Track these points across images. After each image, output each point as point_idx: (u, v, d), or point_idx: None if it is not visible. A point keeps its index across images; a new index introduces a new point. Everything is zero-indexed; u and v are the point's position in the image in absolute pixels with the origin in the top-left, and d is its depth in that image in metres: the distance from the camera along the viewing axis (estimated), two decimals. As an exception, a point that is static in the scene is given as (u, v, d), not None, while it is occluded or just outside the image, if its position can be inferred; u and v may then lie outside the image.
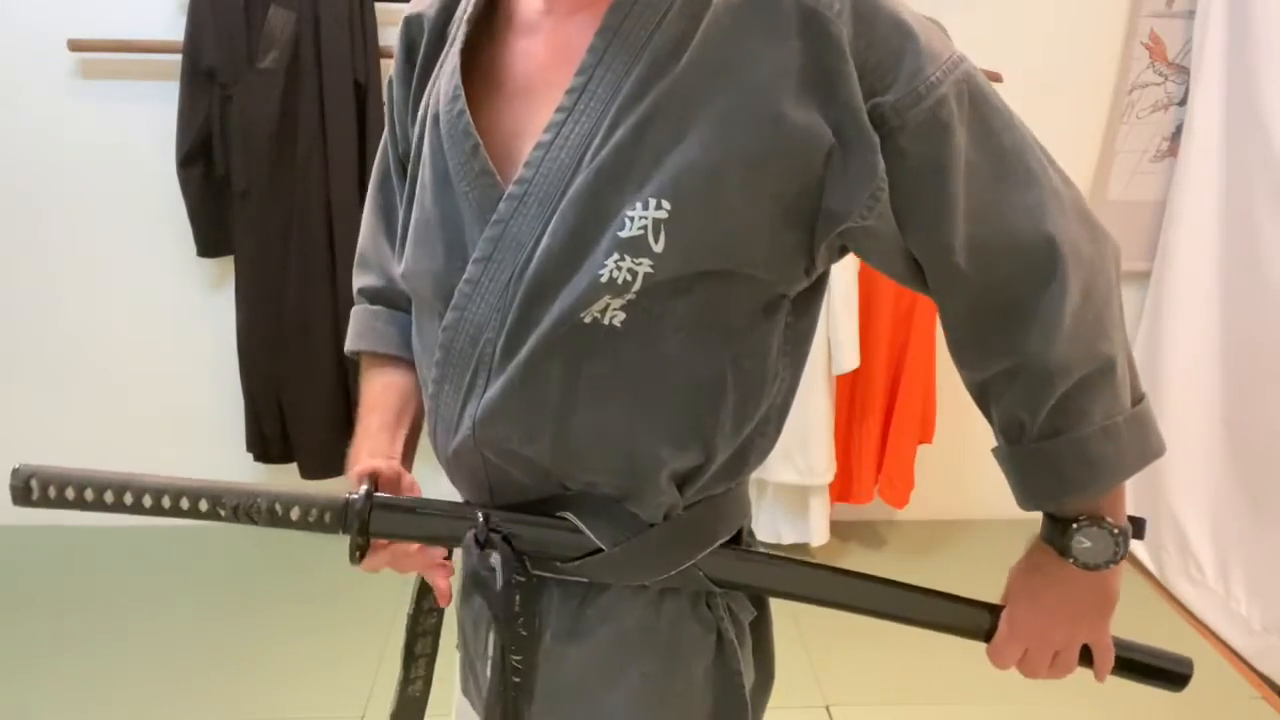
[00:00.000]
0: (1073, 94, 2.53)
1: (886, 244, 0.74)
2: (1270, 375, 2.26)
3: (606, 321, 0.73)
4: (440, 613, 0.92)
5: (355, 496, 0.78)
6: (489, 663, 0.83)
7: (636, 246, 0.70)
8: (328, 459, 2.44)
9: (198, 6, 2.19)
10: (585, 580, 0.82)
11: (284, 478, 2.55)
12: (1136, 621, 2.72)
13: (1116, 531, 0.85)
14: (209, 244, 2.38)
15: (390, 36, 2.33)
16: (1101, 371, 0.79)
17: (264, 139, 2.22)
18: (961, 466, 2.85)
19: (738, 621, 0.88)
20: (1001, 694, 2.16)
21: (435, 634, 0.92)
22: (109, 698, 2.00)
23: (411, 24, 0.88)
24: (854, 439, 2.54)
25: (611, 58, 0.71)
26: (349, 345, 0.97)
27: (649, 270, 0.70)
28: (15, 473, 0.78)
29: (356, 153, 2.28)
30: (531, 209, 0.73)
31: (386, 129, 0.94)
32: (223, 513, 0.77)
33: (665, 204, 0.69)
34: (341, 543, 0.78)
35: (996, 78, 2.45)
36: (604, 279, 0.70)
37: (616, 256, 0.70)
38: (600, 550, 0.80)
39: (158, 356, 2.54)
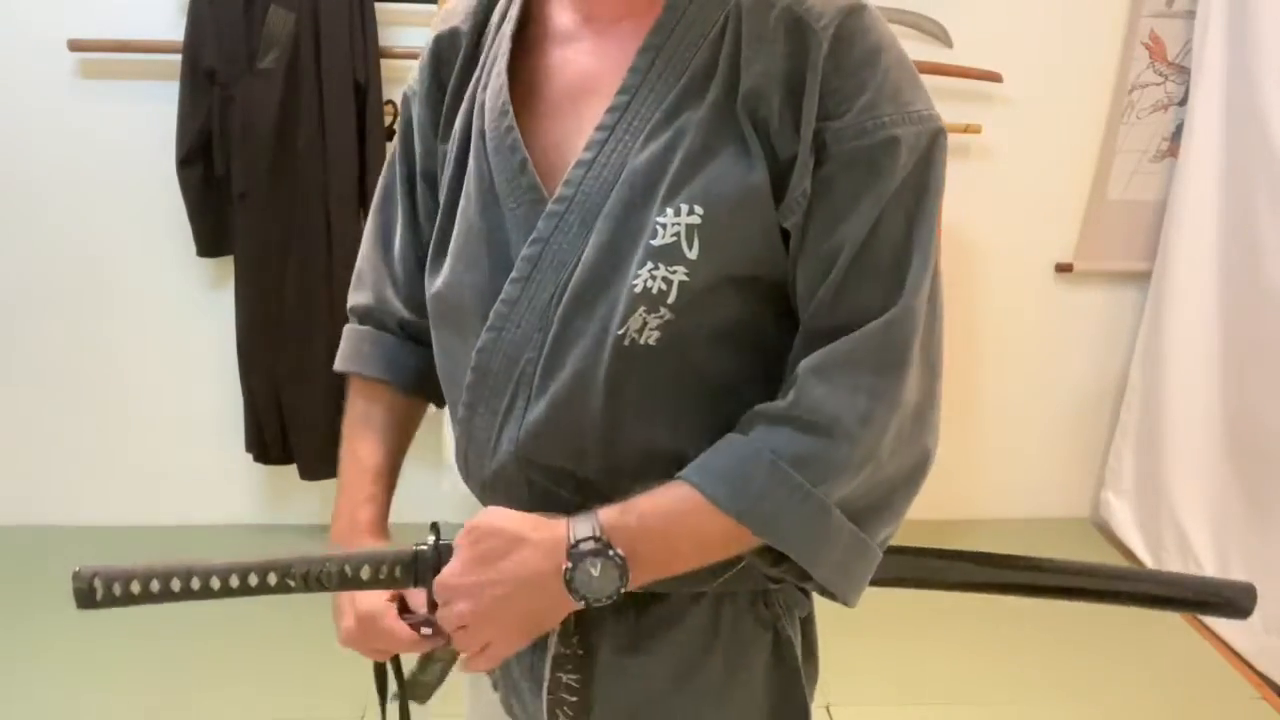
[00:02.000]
0: (1073, 94, 2.53)
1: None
2: (1270, 375, 2.26)
3: (643, 341, 0.72)
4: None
5: (424, 547, 0.76)
6: (543, 684, 0.81)
7: (670, 254, 0.70)
8: (327, 459, 2.43)
9: (198, 6, 2.19)
10: (638, 591, 0.76)
11: (284, 478, 2.55)
12: (1137, 621, 2.72)
13: (619, 565, 0.72)
14: (209, 244, 2.38)
15: (390, 36, 2.33)
16: (866, 465, 0.74)
17: (264, 139, 2.22)
18: (961, 466, 2.85)
19: (793, 617, 0.88)
20: (1001, 694, 2.16)
21: (448, 661, 0.91)
22: (109, 698, 2.00)
23: (442, 41, 0.86)
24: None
25: (655, 78, 0.73)
26: (337, 365, 0.96)
27: (684, 278, 0.70)
28: (77, 575, 0.75)
29: (356, 153, 2.27)
30: (573, 227, 0.73)
31: (398, 146, 0.91)
32: (292, 584, 0.75)
33: (698, 209, 0.70)
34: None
35: (996, 78, 2.45)
36: (638, 289, 0.71)
37: (650, 265, 0.70)
38: None
39: (157, 356, 2.54)
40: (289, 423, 2.41)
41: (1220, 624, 2.38)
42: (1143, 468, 2.68)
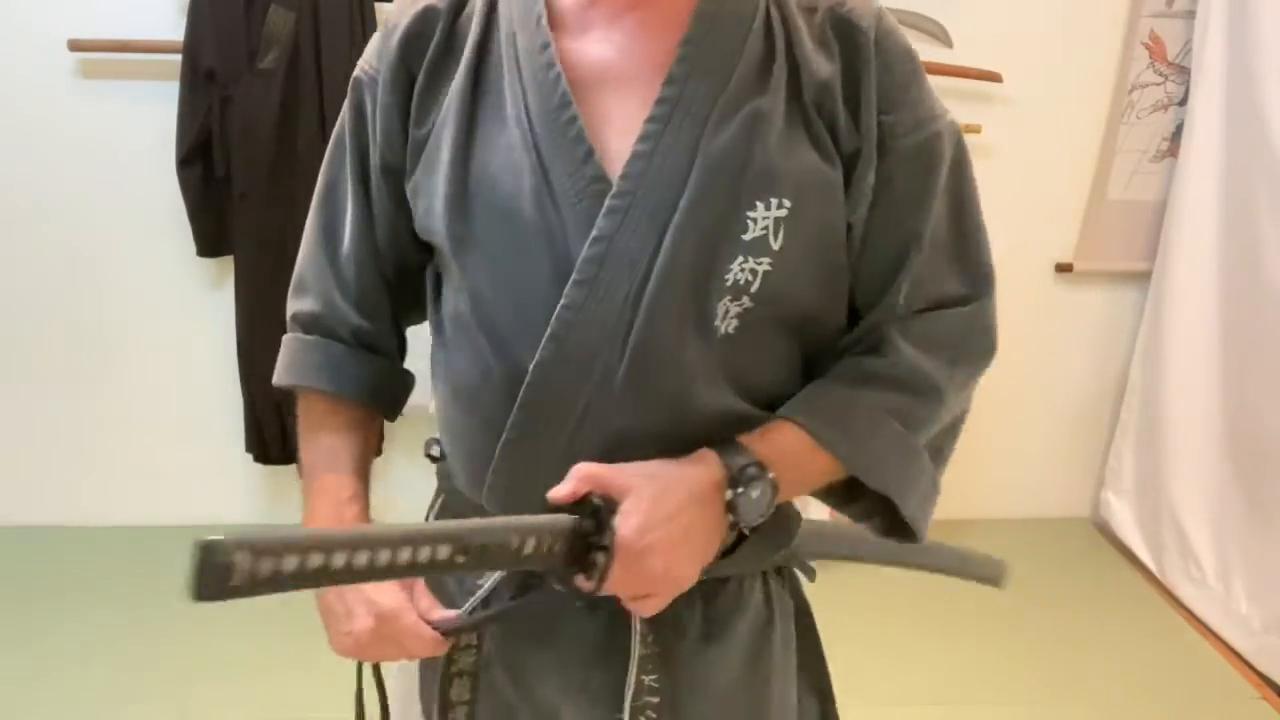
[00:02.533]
0: (1073, 94, 2.52)
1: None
2: (1270, 375, 2.26)
3: (724, 330, 0.74)
4: (477, 650, 0.82)
5: (575, 518, 0.69)
6: (626, 692, 0.78)
7: (759, 247, 0.72)
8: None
9: (198, 6, 2.19)
10: (703, 578, 0.75)
11: (284, 478, 2.55)
12: (1137, 621, 2.73)
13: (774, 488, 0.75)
14: (209, 244, 2.38)
15: (390, 36, 2.33)
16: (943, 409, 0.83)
17: (264, 139, 2.22)
18: (961, 466, 2.84)
19: (799, 582, 0.94)
20: (1002, 694, 2.16)
21: (474, 675, 0.83)
22: (109, 698, 2.00)
23: (415, 23, 0.79)
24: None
25: (702, 71, 0.73)
26: (279, 379, 0.90)
27: (768, 269, 0.72)
28: (210, 548, 0.53)
29: (356, 153, 2.28)
30: (640, 222, 0.71)
31: (347, 138, 0.84)
32: (462, 560, 0.63)
33: (787, 202, 0.72)
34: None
35: (996, 77, 2.45)
36: (729, 282, 0.72)
37: (741, 259, 0.72)
38: (741, 540, 0.78)
39: (157, 357, 2.54)
40: (289, 423, 2.41)
41: (1220, 624, 2.38)
42: (1143, 468, 2.68)
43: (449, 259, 0.79)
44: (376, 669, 0.88)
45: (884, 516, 0.83)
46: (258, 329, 2.35)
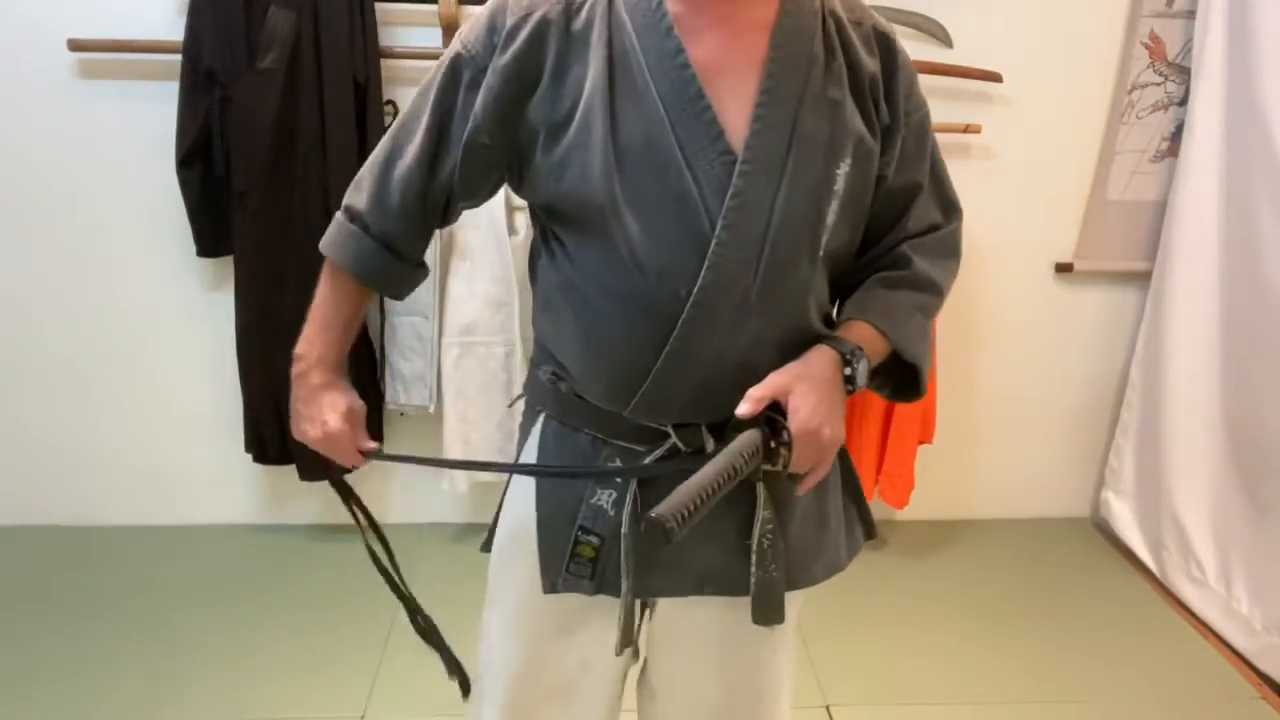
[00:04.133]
0: (1073, 94, 2.53)
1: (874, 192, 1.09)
2: (1270, 375, 2.26)
3: (820, 259, 1.03)
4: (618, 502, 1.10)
5: (755, 430, 0.96)
6: (756, 524, 1.07)
7: (839, 197, 1.01)
8: (327, 460, 2.43)
9: (198, 6, 2.19)
10: None
11: (283, 478, 2.55)
12: (1138, 621, 2.73)
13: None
14: (208, 244, 2.38)
15: (390, 36, 2.33)
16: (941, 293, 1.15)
17: (264, 139, 2.22)
18: (961, 466, 2.85)
19: None
20: (1001, 694, 2.16)
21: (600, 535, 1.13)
22: (109, 698, 2.00)
23: (547, 23, 0.99)
24: (854, 439, 2.54)
25: (787, 63, 0.98)
26: (324, 246, 1.11)
27: (837, 211, 1.02)
28: (654, 521, 0.85)
29: (356, 153, 2.27)
30: (760, 180, 0.97)
31: (436, 93, 1.03)
32: (733, 476, 0.92)
33: (847, 162, 1.00)
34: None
35: (996, 77, 2.45)
36: (828, 221, 1.01)
37: (834, 204, 1.01)
38: None
39: (157, 357, 2.54)
40: (287, 423, 2.41)
41: (1221, 624, 2.38)
42: (1143, 468, 2.68)
43: (605, 215, 0.98)
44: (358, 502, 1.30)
45: (898, 383, 1.14)
46: (257, 329, 2.35)
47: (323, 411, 1.17)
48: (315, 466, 2.45)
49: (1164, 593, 2.57)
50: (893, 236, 1.11)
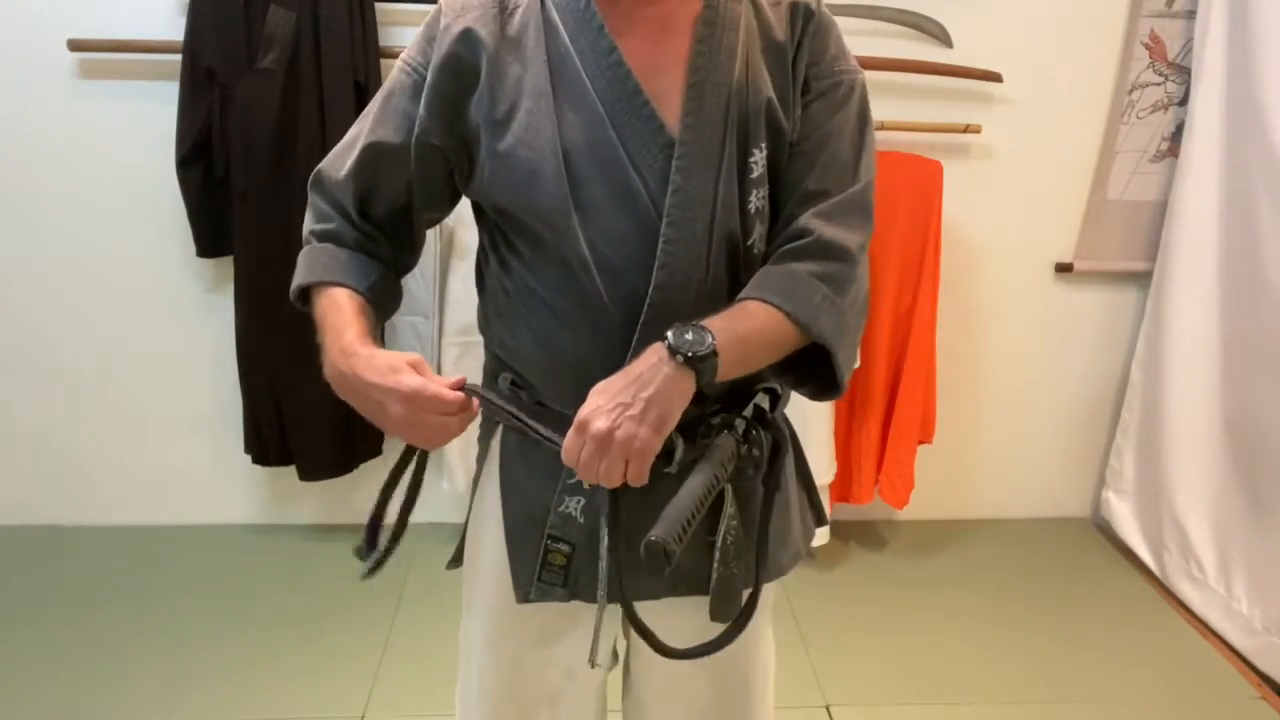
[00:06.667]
0: (1073, 93, 2.53)
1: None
2: (1270, 375, 2.26)
3: (756, 251, 1.03)
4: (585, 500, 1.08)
5: (743, 419, 1.00)
6: (722, 522, 1.05)
7: (760, 182, 1.01)
8: (326, 461, 2.44)
9: (198, 6, 2.19)
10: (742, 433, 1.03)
11: (283, 479, 2.55)
12: (1138, 621, 2.73)
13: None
14: (209, 244, 2.38)
15: (390, 36, 2.33)
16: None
17: (264, 139, 2.22)
18: (961, 466, 2.85)
19: None
20: (1002, 694, 2.16)
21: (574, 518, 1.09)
22: (109, 698, 2.00)
23: (467, 39, 1.00)
24: (854, 439, 2.54)
25: (713, 56, 0.99)
26: (305, 279, 1.10)
27: (765, 197, 1.02)
28: (653, 545, 0.87)
29: (356, 153, 2.28)
30: (696, 173, 0.97)
31: (418, 108, 1.02)
32: (721, 479, 0.95)
33: (765, 145, 1.00)
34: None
35: (996, 77, 2.45)
36: (752, 210, 1.01)
37: (755, 193, 1.01)
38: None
39: (156, 357, 2.54)
40: (288, 424, 2.41)
41: (1221, 624, 2.38)
42: (1143, 467, 2.68)
43: (558, 217, 0.97)
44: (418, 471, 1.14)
45: (815, 380, 1.06)
46: (257, 329, 2.35)
47: (384, 378, 0.94)
48: (315, 466, 2.46)
49: (1164, 592, 2.57)
50: (793, 204, 1.05)
